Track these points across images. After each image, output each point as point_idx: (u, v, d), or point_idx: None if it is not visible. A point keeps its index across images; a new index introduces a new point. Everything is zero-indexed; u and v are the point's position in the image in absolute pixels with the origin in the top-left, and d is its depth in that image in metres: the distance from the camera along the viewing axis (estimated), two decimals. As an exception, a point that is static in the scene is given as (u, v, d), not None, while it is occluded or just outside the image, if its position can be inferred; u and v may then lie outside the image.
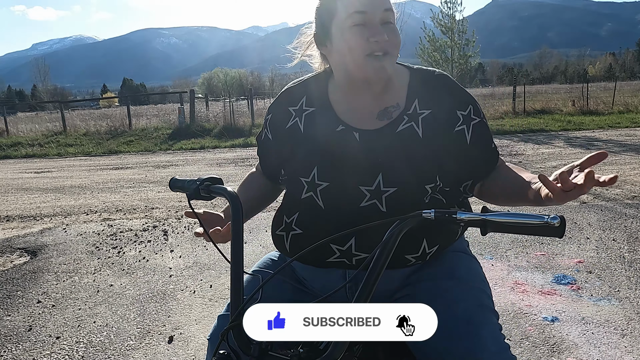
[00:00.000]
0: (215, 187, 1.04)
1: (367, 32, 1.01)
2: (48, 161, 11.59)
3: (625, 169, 6.59)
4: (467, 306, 1.01)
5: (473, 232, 4.06)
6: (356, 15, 1.01)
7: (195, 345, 2.47)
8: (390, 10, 1.03)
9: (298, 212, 1.12)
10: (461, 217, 0.79)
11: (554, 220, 0.72)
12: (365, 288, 0.78)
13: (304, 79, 1.21)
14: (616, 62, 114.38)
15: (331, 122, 1.11)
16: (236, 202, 0.95)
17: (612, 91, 17.53)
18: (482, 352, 0.94)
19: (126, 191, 6.84)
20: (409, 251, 1.07)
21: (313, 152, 1.10)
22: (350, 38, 1.02)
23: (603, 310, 2.62)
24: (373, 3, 1.01)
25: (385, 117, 1.10)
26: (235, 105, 16.75)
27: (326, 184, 1.07)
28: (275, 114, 1.21)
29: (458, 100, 1.10)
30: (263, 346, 0.78)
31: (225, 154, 10.86)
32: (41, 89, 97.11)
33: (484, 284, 1.12)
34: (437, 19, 18.68)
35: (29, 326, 2.77)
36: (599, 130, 11.95)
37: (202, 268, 3.57)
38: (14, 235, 4.71)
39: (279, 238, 1.17)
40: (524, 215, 0.76)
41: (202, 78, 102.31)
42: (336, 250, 1.06)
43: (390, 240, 0.80)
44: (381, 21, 1.02)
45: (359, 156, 1.07)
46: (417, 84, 1.12)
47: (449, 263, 1.12)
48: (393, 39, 1.03)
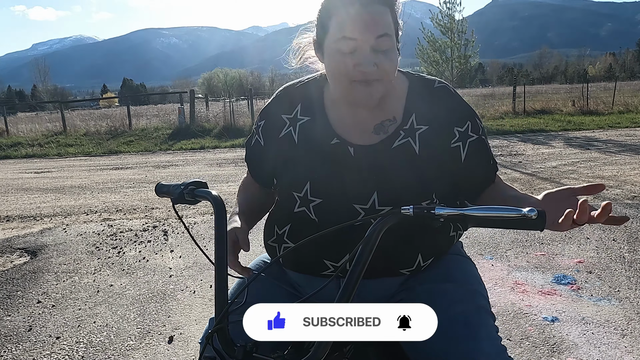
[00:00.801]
0: (199, 190, 1.02)
1: (355, 59, 0.95)
2: (48, 161, 11.59)
3: (625, 169, 6.59)
4: (465, 308, 1.01)
5: (473, 232, 4.06)
6: (345, 41, 0.95)
7: (195, 345, 2.47)
8: (386, 36, 0.95)
9: (290, 224, 1.09)
10: (440, 213, 0.78)
11: (532, 212, 0.73)
12: (348, 286, 0.77)
13: (302, 82, 1.16)
14: (616, 62, 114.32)
15: (326, 134, 1.07)
16: (220, 206, 0.94)
17: (612, 91, 17.54)
18: (480, 355, 0.93)
19: (126, 191, 6.84)
20: (404, 265, 1.05)
21: (307, 166, 1.06)
22: (337, 62, 0.98)
23: (603, 310, 2.62)
24: (365, 30, 0.94)
25: (382, 131, 1.06)
26: (235, 106, 16.75)
27: (319, 200, 1.04)
28: (268, 121, 1.15)
29: (457, 116, 1.06)
30: (248, 349, 0.78)
31: (225, 154, 10.86)
32: (41, 89, 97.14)
33: (481, 285, 1.11)
34: (437, 19, 18.67)
35: (29, 326, 2.77)
36: (599, 130, 11.96)
37: (202, 268, 3.57)
38: (14, 235, 4.71)
39: (272, 248, 1.15)
40: (501, 209, 0.76)
41: (202, 78, 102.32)
42: (330, 266, 1.05)
43: (372, 238, 0.79)
44: (372, 48, 0.95)
45: (353, 172, 1.03)
46: (416, 95, 1.08)
47: (445, 266, 1.11)
48: (384, 66, 0.96)
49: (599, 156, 7.83)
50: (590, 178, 6.06)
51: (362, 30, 0.94)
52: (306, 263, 1.08)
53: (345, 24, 0.95)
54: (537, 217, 0.73)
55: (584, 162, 7.34)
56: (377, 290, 1.09)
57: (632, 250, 3.51)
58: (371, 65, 0.95)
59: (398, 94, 1.08)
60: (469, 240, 3.87)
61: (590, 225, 4.13)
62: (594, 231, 3.97)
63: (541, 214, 0.74)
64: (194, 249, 4.02)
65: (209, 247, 4.03)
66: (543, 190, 0.96)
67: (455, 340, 0.95)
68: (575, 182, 5.79)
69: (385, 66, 0.96)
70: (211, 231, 4.45)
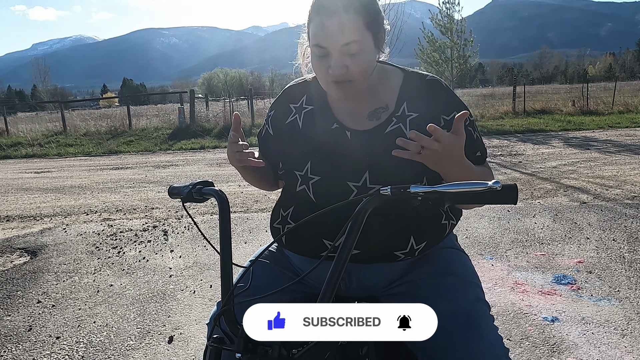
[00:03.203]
0: (206, 189, 1.11)
1: (327, 63, 1.07)
2: (48, 161, 11.59)
3: (625, 169, 6.59)
4: (466, 301, 1.08)
5: (473, 232, 4.06)
6: (317, 47, 1.07)
7: (195, 345, 2.47)
8: (353, 43, 1.04)
9: (293, 206, 1.20)
10: (415, 190, 0.84)
11: (496, 184, 0.79)
12: (340, 260, 0.80)
13: (306, 79, 1.27)
14: (616, 62, 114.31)
15: (327, 120, 1.19)
16: (224, 201, 1.03)
17: (612, 91, 17.54)
18: (482, 343, 1.01)
19: (126, 191, 6.84)
20: (398, 247, 1.12)
21: (309, 147, 1.17)
22: (314, 64, 1.11)
23: (603, 310, 2.62)
24: (332, 39, 1.04)
25: (375, 117, 1.16)
26: (235, 105, 16.78)
27: (318, 177, 1.14)
28: (277, 111, 1.28)
29: (444, 106, 1.15)
30: None
31: (225, 154, 10.84)
32: (41, 89, 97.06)
33: (477, 278, 1.19)
34: (436, 19, 18.66)
35: (29, 326, 2.77)
36: (599, 130, 11.96)
37: (202, 268, 3.57)
38: (14, 235, 4.71)
39: (276, 230, 1.24)
40: (468, 184, 0.81)
41: (202, 78, 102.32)
42: (328, 245, 1.13)
43: (359, 216, 0.84)
44: (341, 53, 1.05)
45: (349, 154, 1.14)
46: (409, 87, 1.18)
47: (444, 261, 1.18)
48: (355, 67, 1.06)
49: (599, 156, 7.83)
50: (590, 178, 6.06)
51: (330, 38, 1.04)
52: (306, 244, 1.17)
53: (317, 32, 1.06)
54: (502, 189, 0.79)
55: (583, 162, 7.34)
56: (375, 276, 1.16)
57: (632, 250, 3.51)
58: (340, 68, 1.06)
59: (392, 85, 1.19)
60: (469, 240, 3.87)
61: (590, 225, 4.13)
62: (594, 231, 3.98)
63: (509, 187, 0.81)
64: (194, 249, 4.02)
65: (208, 247, 4.04)
66: (543, 190, 0.98)
67: (460, 331, 1.02)
68: (575, 182, 5.80)
69: (354, 68, 1.07)
70: (211, 230, 4.46)
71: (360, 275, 1.17)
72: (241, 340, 0.81)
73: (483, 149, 1.20)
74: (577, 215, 4.46)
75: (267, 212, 4.98)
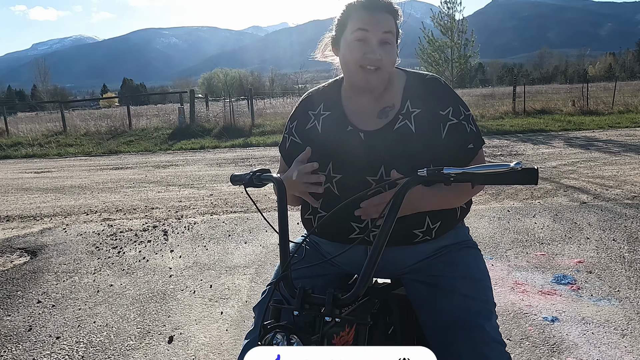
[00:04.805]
0: (265, 175, 1.24)
1: (365, 48, 1.21)
2: (48, 161, 11.59)
3: (625, 169, 6.59)
4: (479, 302, 1.22)
5: (473, 232, 4.06)
6: (359, 31, 1.22)
7: (195, 345, 2.47)
8: (390, 32, 1.22)
9: (321, 200, 1.33)
10: (448, 172, 0.95)
11: (518, 165, 0.91)
12: (383, 232, 0.92)
13: (323, 86, 1.43)
14: (616, 62, 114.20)
15: (342, 124, 1.33)
16: (280, 185, 1.16)
17: (612, 91, 17.52)
18: (489, 340, 1.15)
19: (126, 191, 6.84)
20: (415, 226, 1.25)
21: (328, 149, 1.31)
22: (350, 49, 1.24)
23: (603, 310, 2.62)
24: (375, 23, 1.21)
25: (384, 115, 1.30)
26: (235, 106, 16.74)
27: (340, 175, 1.28)
28: (299, 121, 1.41)
29: (441, 101, 1.28)
30: (306, 290, 0.95)
31: (225, 154, 10.86)
32: (41, 89, 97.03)
33: (488, 278, 1.31)
34: (437, 19, 18.66)
35: (29, 326, 2.77)
36: (599, 130, 11.95)
37: (202, 268, 3.57)
38: (14, 235, 4.71)
39: (308, 221, 1.39)
40: (492, 165, 0.93)
41: (202, 78, 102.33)
42: (356, 227, 1.27)
43: (399, 196, 0.96)
44: (379, 41, 1.21)
45: (364, 153, 1.27)
46: (411, 87, 1.32)
47: (464, 263, 1.30)
48: (386, 58, 1.23)
49: (599, 156, 7.83)
50: (590, 178, 6.06)
51: (373, 24, 1.21)
52: (336, 229, 1.30)
53: (360, 19, 1.23)
54: (522, 170, 0.91)
55: (583, 162, 7.33)
56: (394, 258, 1.29)
57: (632, 250, 3.51)
58: (376, 54, 1.21)
59: (397, 86, 1.33)
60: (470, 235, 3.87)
61: (590, 225, 4.13)
62: (594, 231, 3.98)
63: (530, 170, 0.92)
64: (194, 249, 4.02)
65: (208, 247, 4.04)
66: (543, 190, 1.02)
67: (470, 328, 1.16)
68: (575, 182, 5.79)
69: (386, 58, 1.23)
70: (211, 231, 4.48)
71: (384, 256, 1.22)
72: (299, 299, 0.93)
73: (477, 141, 1.29)
74: (577, 215, 4.46)
75: (266, 212, 4.98)
